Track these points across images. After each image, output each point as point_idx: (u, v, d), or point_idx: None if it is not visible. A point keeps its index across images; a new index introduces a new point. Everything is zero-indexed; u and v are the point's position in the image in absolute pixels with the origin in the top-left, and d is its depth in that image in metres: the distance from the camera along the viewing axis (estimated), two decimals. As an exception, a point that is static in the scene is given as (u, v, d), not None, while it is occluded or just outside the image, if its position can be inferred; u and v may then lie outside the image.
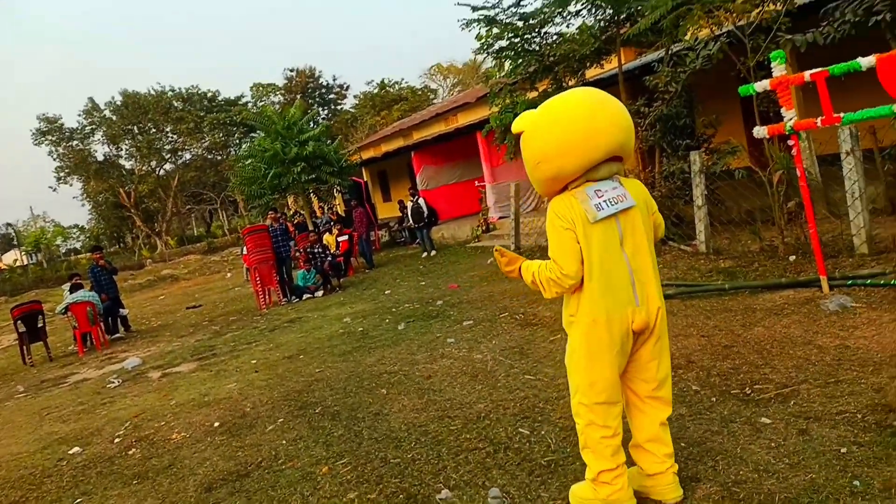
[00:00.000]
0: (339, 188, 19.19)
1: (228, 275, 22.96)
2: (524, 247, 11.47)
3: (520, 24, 9.93)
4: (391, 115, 48.07)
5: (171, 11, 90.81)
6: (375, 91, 55.27)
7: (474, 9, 9.88)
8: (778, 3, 7.56)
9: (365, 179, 22.18)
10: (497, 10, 9.82)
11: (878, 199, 6.92)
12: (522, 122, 2.53)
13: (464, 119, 20.43)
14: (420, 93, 55.14)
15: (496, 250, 2.84)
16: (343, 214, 20.15)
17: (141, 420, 5.72)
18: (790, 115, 5.30)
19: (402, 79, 54.82)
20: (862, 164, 5.83)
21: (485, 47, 10.47)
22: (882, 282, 5.18)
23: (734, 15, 7.13)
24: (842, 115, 4.91)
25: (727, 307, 5.58)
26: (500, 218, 15.56)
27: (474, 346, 6.03)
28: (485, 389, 4.72)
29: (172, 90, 49.75)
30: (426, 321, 7.96)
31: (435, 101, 52.64)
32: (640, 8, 9.20)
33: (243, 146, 50.75)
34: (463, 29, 10.04)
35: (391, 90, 55.14)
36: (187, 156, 52.45)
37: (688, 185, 7.78)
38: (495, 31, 10.16)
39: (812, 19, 7.00)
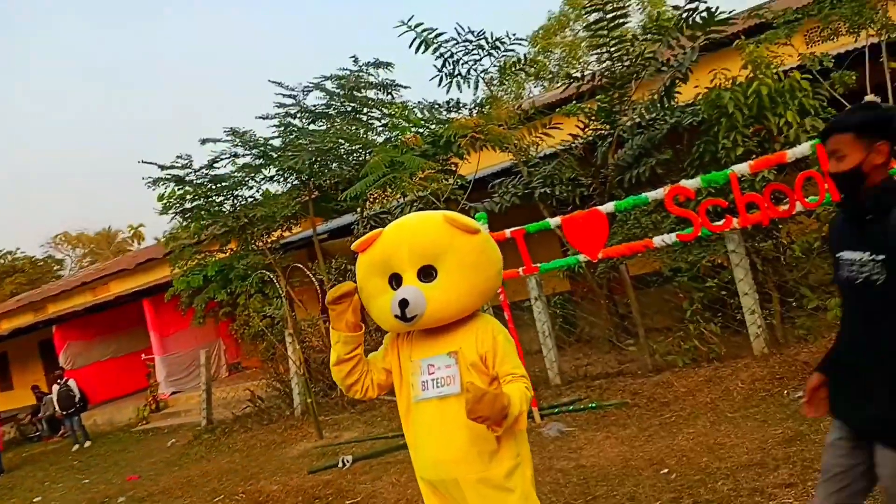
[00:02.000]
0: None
1: None
2: (216, 420, 10.34)
3: (210, 185, 9.72)
4: (2, 289, 40.70)
5: None
6: (-22, 262, 46.28)
7: (162, 167, 9.38)
8: (451, 178, 8.97)
9: (-18, 364, 17.78)
10: (188, 170, 9.49)
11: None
12: (476, 224, 2.31)
13: (118, 287, 18.34)
14: (42, 264, 48.01)
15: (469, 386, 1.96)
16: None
17: None
18: (496, 266, 6.13)
19: (18, 248, 46.92)
20: (548, 308, 6.98)
21: (168, 207, 9.88)
22: (582, 407, 6.04)
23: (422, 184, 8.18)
24: (539, 265, 5.90)
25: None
26: (174, 393, 13.91)
27: (203, 541, 5.06)
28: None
29: None
30: (113, 524, 6.47)
31: (61, 272, 46.36)
32: (327, 179, 9.95)
33: None
34: (149, 188, 9.37)
35: (2, 261, 46.86)
36: None
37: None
38: (180, 191, 9.74)
39: (483, 190, 8.43)
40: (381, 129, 9.59)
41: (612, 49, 6.93)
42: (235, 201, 9.93)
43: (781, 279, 5.86)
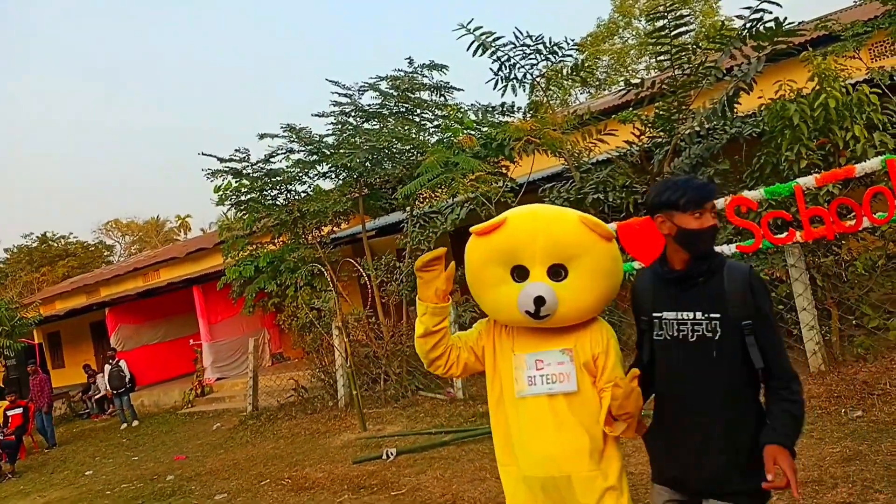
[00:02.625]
0: (4, 352, 15.60)
1: None
2: (262, 407, 10.60)
3: (266, 179, 9.98)
4: (55, 271, 42.13)
5: None
6: (34, 245, 47.95)
7: (221, 160, 9.67)
8: (500, 181, 9.02)
9: (38, 341, 18.49)
10: (245, 164, 9.76)
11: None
12: (612, 229, 2.25)
13: (168, 274, 18.91)
14: (93, 249, 49.58)
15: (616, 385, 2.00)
16: (2, 385, 16.30)
17: None
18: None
19: (70, 233, 48.41)
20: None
21: (224, 198, 10.17)
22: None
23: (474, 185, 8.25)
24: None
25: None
26: (219, 379, 14.26)
27: (249, 523, 5.22)
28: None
29: None
30: (162, 500, 6.71)
31: (111, 258, 47.79)
32: (378, 177, 10.11)
33: None
34: (208, 179, 9.67)
35: (55, 244, 48.46)
36: None
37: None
38: (236, 183, 10.02)
39: (533, 194, 8.46)
40: (432, 129, 9.71)
41: (674, 56, 6.90)
42: (289, 195, 10.17)
43: (841, 296, 5.74)
